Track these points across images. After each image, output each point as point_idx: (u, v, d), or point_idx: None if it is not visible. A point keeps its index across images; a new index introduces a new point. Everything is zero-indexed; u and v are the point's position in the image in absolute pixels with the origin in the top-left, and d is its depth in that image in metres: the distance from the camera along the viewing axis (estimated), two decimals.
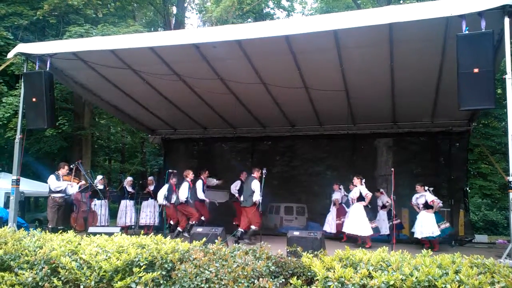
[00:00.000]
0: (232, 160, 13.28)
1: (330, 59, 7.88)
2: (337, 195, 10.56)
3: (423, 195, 9.00)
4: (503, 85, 6.33)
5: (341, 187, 10.60)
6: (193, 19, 48.34)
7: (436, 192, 10.92)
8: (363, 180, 9.23)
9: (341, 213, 10.26)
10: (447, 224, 9.10)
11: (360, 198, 9.05)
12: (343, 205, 10.39)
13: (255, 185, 9.14)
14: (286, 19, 23.99)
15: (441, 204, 8.99)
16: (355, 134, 11.60)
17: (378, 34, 6.96)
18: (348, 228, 9.09)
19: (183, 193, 9.64)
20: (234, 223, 10.30)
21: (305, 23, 7.09)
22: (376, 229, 9.17)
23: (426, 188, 9.10)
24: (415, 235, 8.90)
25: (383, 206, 10.38)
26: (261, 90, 9.39)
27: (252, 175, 9.41)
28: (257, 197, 9.06)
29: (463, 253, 4.28)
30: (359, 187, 9.10)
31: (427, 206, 8.90)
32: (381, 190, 10.56)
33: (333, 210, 10.56)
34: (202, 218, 9.91)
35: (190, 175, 9.96)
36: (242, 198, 9.63)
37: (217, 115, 11.48)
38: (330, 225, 10.44)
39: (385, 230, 10.00)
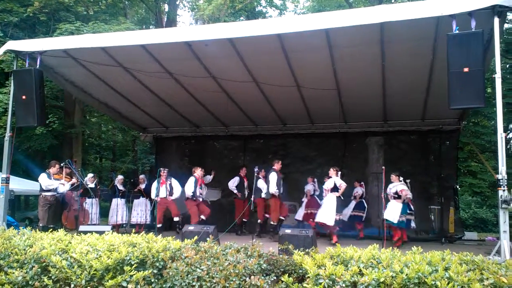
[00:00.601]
0: (224, 158, 13.27)
1: (322, 58, 7.90)
2: (309, 187, 10.81)
3: (396, 185, 9.00)
4: (493, 84, 6.40)
5: (315, 180, 10.82)
6: (185, 17, 48.17)
7: (426, 190, 11.07)
8: (339, 172, 9.22)
9: (311, 204, 10.48)
10: (409, 217, 9.04)
11: (334, 189, 9.01)
12: (316, 197, 10.60)
13: (272, 177, 9.18)
14: (278, 17, 24.01)
15: (409, 195, 8.95)
16: (346, 133, 11.66)
17: (369, 33, 6.99)
18: (318, 216, 9.10)
19: (189, 187, 9.54)
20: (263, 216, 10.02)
21: (297, 22, 7.10)
22: (339, 222, 9.01)
23: (401, 178, 9.08)
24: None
25: (355, 197, 10.51)
26: (253, 89, 9.39)
27: (273, 167, 9.43)
28: (272, 188, 9.13)
29: (452, 250, 4.32)
30: (334, 178, 9.06)
31: (397, 196, 8.93)
32: (362, 183, 10.70)
33: (304, 200, 10.84)
34: (202, 217, 9.78)
35: (198, 171, 9.91)
36: (263, 193, 9.53)
37: (209, 113, 11.46)
38: (298, 214, 10.79)
39: (344, 217, 10.00)
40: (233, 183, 10.75)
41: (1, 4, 14.05)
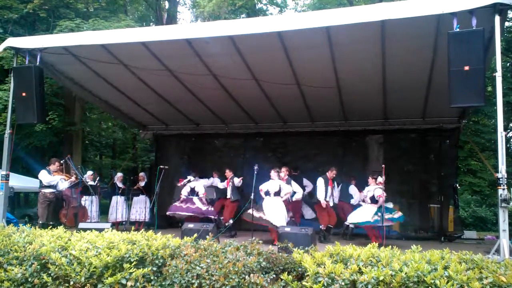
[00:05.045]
0: (224, 157, 13.24)
1: (322, 55, 7.89)
2: None
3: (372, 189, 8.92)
4: (493, 82, 6.39)
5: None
6: (186, 14, 47.95)
7: (426, 189, 11.04)
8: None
9: None
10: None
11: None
12: None
13: (318, 183, 9.11)
14: (278, 15, 23.95)
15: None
16: (346, 131, 11.65)
17: (370, 31, 6.97)
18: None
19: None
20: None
21: (298, 19, 7.10)
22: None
23: (379, 180, 8.89)
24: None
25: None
26: (253, 86, 9.38)
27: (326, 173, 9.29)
28: (319, 195, 9.04)
29: (452, 249, 4.32)
30: (278, 182, 8.85)
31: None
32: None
33: None
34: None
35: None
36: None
37: (209, 111, 11.45)
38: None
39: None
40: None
41: (1, 1, 14.03)
